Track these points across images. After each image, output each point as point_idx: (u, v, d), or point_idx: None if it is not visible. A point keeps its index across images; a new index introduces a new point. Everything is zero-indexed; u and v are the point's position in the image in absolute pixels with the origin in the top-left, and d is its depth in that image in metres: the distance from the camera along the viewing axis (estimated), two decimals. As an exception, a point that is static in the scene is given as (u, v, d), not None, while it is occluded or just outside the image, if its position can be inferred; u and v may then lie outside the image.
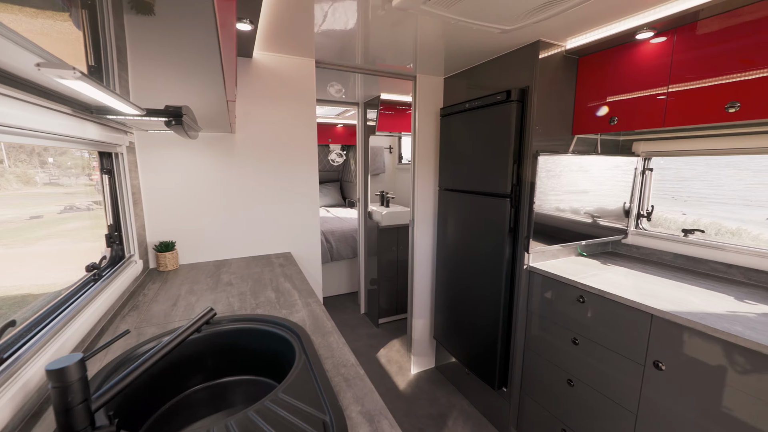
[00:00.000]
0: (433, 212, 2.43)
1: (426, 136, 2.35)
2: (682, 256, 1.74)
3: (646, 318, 1.29)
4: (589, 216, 1.82)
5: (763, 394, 1.02)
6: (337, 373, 0.85)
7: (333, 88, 3.02)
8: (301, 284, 1.47)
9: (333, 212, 4.74)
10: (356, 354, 2.78)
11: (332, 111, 4.10)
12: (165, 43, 0.66)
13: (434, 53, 1.89)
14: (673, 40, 1.38)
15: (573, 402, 1.59)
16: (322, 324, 1.11)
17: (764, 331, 1.07)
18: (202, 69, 0.74)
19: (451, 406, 2.21)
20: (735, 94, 1.23)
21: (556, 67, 1.69)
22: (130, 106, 0.86)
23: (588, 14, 1.38)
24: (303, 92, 1.95)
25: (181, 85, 0.91)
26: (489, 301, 1.89)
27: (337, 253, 3.71)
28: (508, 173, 1.72)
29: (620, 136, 1.96)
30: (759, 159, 1.51)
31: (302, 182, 2.02)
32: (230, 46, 0.62)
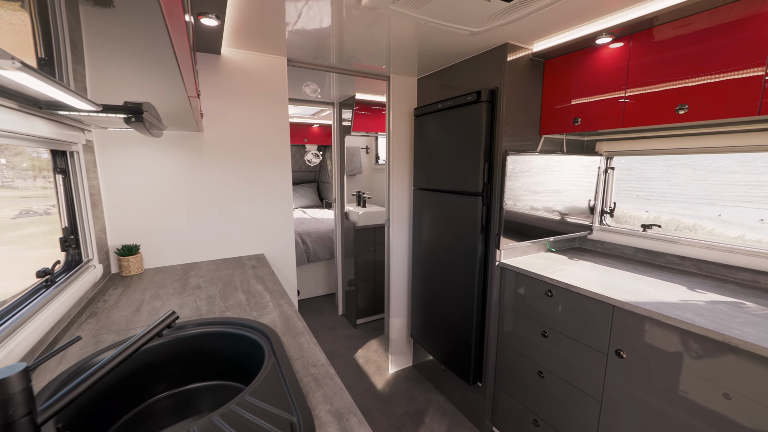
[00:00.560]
0: (409, 212, 2.45)
1: (401, 135, 2.37)
2: (642, 250, 1.84)
3: (608, 309, 1.35)
4: (556, 213, 1.89)
5: (713, 376, 1.09)
6: (307, 373, 0.84)
7: (308, 87, 2.99)
8: (273, 286, 1.44)
9: (310, 213, 4.68)
10: (334, 355, 2.76)
11: (307, 111, 4.06)
12: (122, 36, 0.64)
13: (407, 54, 1.90)
14: (629, 45, 1.46)
15: (543, 393, 1.65)
16: (293, 325, 1.10)
17: (712, 317, 1.15)
18: (159, 63, 0.71)
19: (429, 403, 2.23)
20: (684, 97, 1.31)
21: (524, 70, 1.75)
22: (84, 101, 0.82)
23: (551, 19, 1.44)
24: (275, 91, 1.91)
25: (140, 80, 0.87)
26: (463, 297, 1.93)
27: (314, 255, 3.67)
28: (480, 172, 1.75)
29: (584, 136, 2.05)
30: (712, 159, 1.62)
31: (275, 182, 1.98)
32: (182, 39, 0.60)
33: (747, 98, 1.17)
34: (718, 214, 1.62)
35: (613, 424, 1.36)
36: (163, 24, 0.49)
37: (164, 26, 0.50)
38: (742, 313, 1.18)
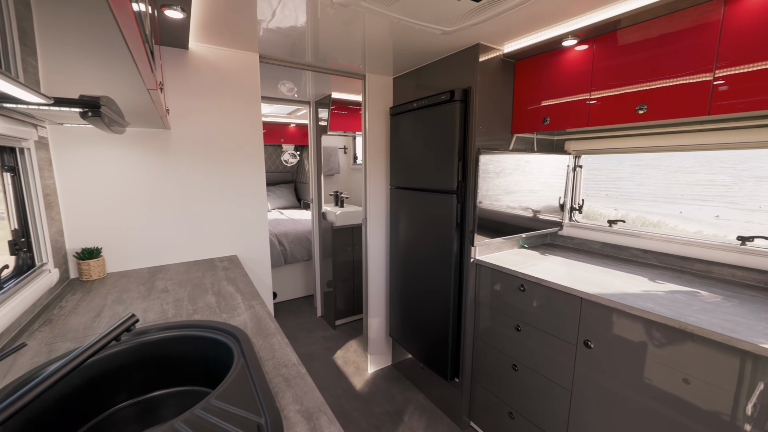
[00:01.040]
0: (386, 210, 2.45)
1: (377, 135, 2.37)
2: (608, 245, 1.92)
3: (577, 301, 1.40)
4: (528, 210, 1.95)
5: (673, 362, 1.15)
6: (277, 374, 0.82)
7: (284, 86, 2.94)
8: (246, 287, 1.40)
9: (287, 214, 4.60)
10: (312, 358, 2.72)
11: (283, 110, 3.99)
12: (74, 26, 0.60)
13: (382, 53, 1.91)
14: (593, 48, 1.52)
15: (518, 385, 1.69)
16: (265, 326, 1.07)
17: (670, 306, 1.21)
18: (113, 54, 0.67)
19: (408, 401, 2.23)
20: (643, 99, 1.38)
21: (496, 70, 1.79)
22: (32, 93, 0.76)
23: (520, 20, 1.48)
24: (247, 88, 1.86)
25: (97, 72, 0.83)
26: (440, 295, 1.95)
27: (292, 256, 3.61)
28: (454, 170, 1.78)
29: (554, 135, 2.12)
30: (674, 160, 1.71)
31: (248, 182, 1.93)
32: (132, 28, 0.57)
33: (698, 100, 1.24)
34: (680, 212, 1.71)
35: (583, 412, 1.41)
36: (110, 12, 0.47)
37: (111, 15, 0.47)
38: (697, 302, 1.25)
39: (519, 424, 1.70)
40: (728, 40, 1.17)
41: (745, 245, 1.47)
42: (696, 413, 1.10)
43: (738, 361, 1.01)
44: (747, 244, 1.47)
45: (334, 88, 2.86)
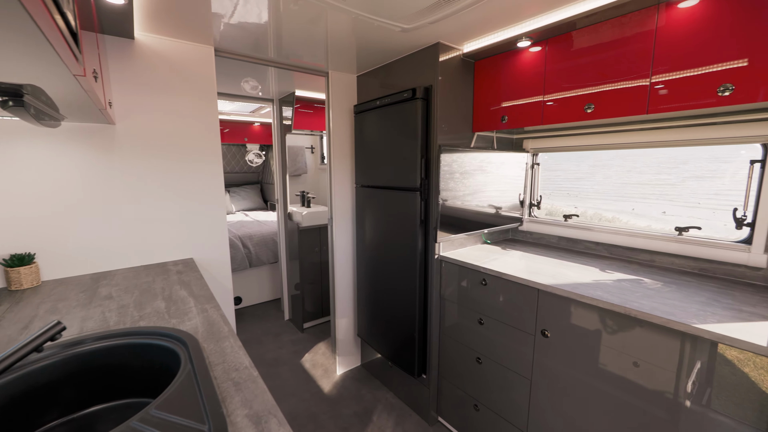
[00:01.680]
0: (352, 209, 2.43)
1: (341, 133, 2.34)
2: (564, 238, 2.02)
3: (534, 293, 1.45)
4: (490, 206, 2.00)
5: (622, 346, 1.21)
6: (227, 378, 0.78)
7: (248, 84, 2.84)
8: (200, 290, 1.33)
9: (252, 216, 4.45)
10: (279, 362, 2.64)
11: (246, 107, 3.86)
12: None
13: (345, 50, 1.89)
14: (546, 50, 1.59)
15: (482, 378, 1.72)
16: (217, 329, 1.01)
17: (617, 293, 1.28)
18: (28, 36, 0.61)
19: (376, 400, 2.22)
20: (591, 99, 1.46)
21: (456, 69, 1.82)
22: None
23: (478, 21, 1.51)
24: (202, 83, 1.78)
25: (18, 58, 0.74)
26: (406, 292, 1.95)
27: (257, 259, 3.49)
28: (417, 167, 1.79)
29: (513, 134, 2.20)
30: (628, 162, 1.82)
31: (205, 181, 1.84)
32: (38, 6, 0.52)
33: (638, 100, 1.33)
34: (632, 208, 1.83)
35: (542, 399, 1.47)
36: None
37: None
38: (641, 288, 1.34)
39: (483, 415, 1.73)
40: (661, 48, 1.26)
41: (682, 235, 1.59)
42: (644, 394, 1.17)
43: (678, 343, 1.08)
44: (683, 234, 1.59)
45: (298, 85, 2.80)
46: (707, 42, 1.16)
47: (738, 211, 1.45)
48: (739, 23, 1.10)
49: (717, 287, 1.36)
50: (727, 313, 1.12)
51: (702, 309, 1.14)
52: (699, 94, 1.19)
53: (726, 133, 1.43)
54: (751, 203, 1.42)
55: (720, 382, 1.01)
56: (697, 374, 1.05)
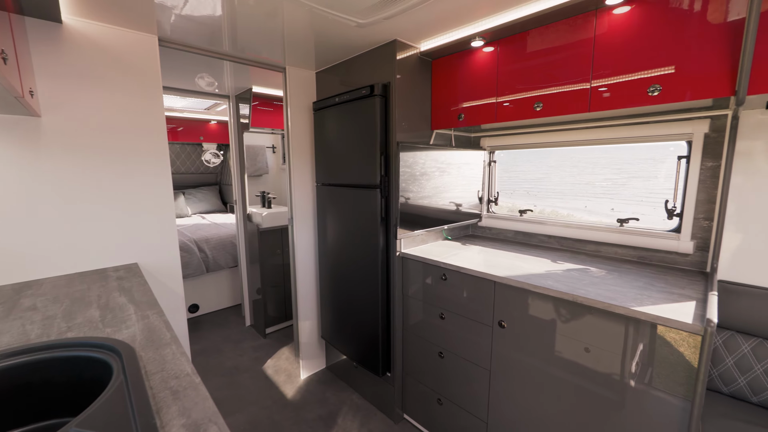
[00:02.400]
0: (313, 209, 2.38)
1: (301, 130, 2.28)
2: (520, 233, 2.10)
3: (491, 285, 1.49)
4: (449, 203, 2.04)
5: (574, 333, 1.27)
6: (165, 387, 0.72)
7: (203, 80, 2.69)
8: (142, 297, 1.23)
9: (210, 218, 4.23)
10: (239, 370, 2.52)
11: (200, 104, 3.66)
12: None
13: (303, 44, 1.84)
14: (498, 51, 1.64)
15: (444, 372, 1.74)
16: (159, 336, 0.94)
17: (566, 282, 1.35)
18: None
19: (341, 402, 2.18)
20: (540, 98, 1.52)
21: (414, 67, 1.84)
22: None
23: (432, 19, 1.53)
24: (144, 75, 1.65)
25: None
26: (369, 290, 1.94)
27: (215, 263, 3.32)
28: (377, 165, 1.78)
29: (471, 132, 2.26)
30: (579, 161, 1.93)
31: (150, 181, 1.71)
32: None
33: (581, 100, 1.41)
34: (585, 206, 1.94)
35: (501, 389, 1.51)
36: None
37: None
38: (587, 277, 1.42)
39: (447, 409, 1.76)
40: (600, 55, 1.34)
41: (623, 226, 1.71)
42: (595, 377, 1.23)
43: (623, 327, 1.15)
44: (624, 225, 1.71)
45: (256, 81, 2.70)
46: (640, 50, 1.25)
47: (669, 203, 1.58)
48: (668, 35, 1.19)
49: (653, 273, 1.47)
50: (661, 295, 1.21)
51: (639, 293, 1.23)
52: (633, 95, 1.28)
53: (657, 131, 1.56)
54: (679, 196, 1.55)
55: (660, 362, 1.09)
56: (640, 356, 1.13)
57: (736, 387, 1.30)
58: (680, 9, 1.16)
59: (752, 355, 1.28)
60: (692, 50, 1.14)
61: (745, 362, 1.28)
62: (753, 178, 1.37)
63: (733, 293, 1.39)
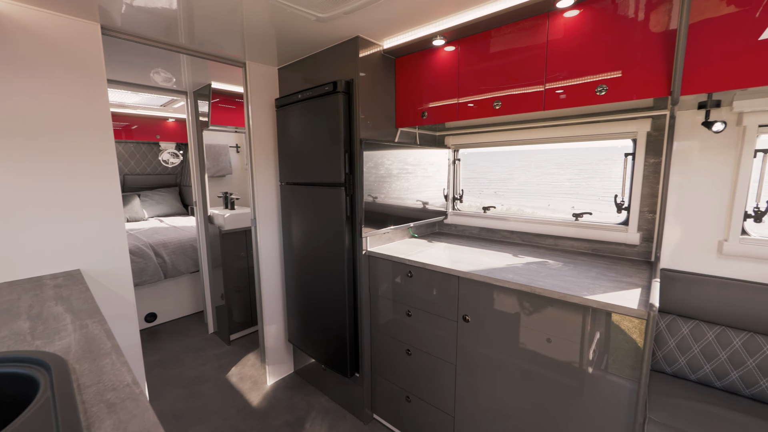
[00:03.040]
0: (277, 209, 2.31)
1: (263, 128, 2.21)
2: (484, 229, 2.15)
3: (455, 280, 1.51)
4: (415, 201, 2.05)
5: (535, 324, 1.31)
6: (100, 400, 0.66)
7: (159, 75, 2.53)
8: (82, 305, 1.12)
9: (169, 221, 4.00)
10: (200, 380, 2.39)
11: (156, 100, 3.46)
12: None
13: (263, 38, 1.78)
14: (459, 50, 1.67)
15: (412, 369, 1.75)
16: (98, 346, 0.86)
17: (525, 275, 1.39)
18: None
19: (310, 407, 2.13)
20: (499, 97, 1.57)
21: (377, 65, 1.83)
22: None
23: (393, 16, 1.53)
24: (85, 65, 1.52)
25: None
26: (335, 290, 1.90)
27: (173, 269, 3.14)
28: (341, 162, 1.76)
29: (436, 131, 2.29)
30: (543, 161, 2.01)
31: (94, 181, 1.58)
32: None
33: (536, 100, 1.46)
34: (548, 204, 2.02)
35: (466, 382, 1.53)
36: None
37: None
38: (545, 269, 1.47)
39: (415, 406, 1.76)
40: (553, 59, 1.39)
41: (578, 220, 1.80)
42: (556, 365, 1.27)
43: (580, 317, 1.20)
44: (579, 219, 1.80)
45: (215, 77, 2.58)
46: (590, 55, 1.31)
47: (618, 197, 1.68)
48: (615, 42, 1.25)
49: (605, 264, 1.56)
50: (611, 284, 1.28)
51: (592, 282, 1.29)
52: (582, 95, 1.34)
53: (607, 130, 1.65)
54: (627, 190, 1.66)
55: (613, 348, 1.15)
56: (597, 343, 1.18)
57: (677, 367, 1.40)
58: (626, 17, 1.23)
59: (691, 336, 1.38)
60: (637, 55, 1.22)
61: (685, 343, 1.39)
62: (689, 173, 1.48)
63: (674, 280, 1.49)
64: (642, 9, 1.19)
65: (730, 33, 1.05)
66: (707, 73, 1.09)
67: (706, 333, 1.36)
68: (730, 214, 1.41)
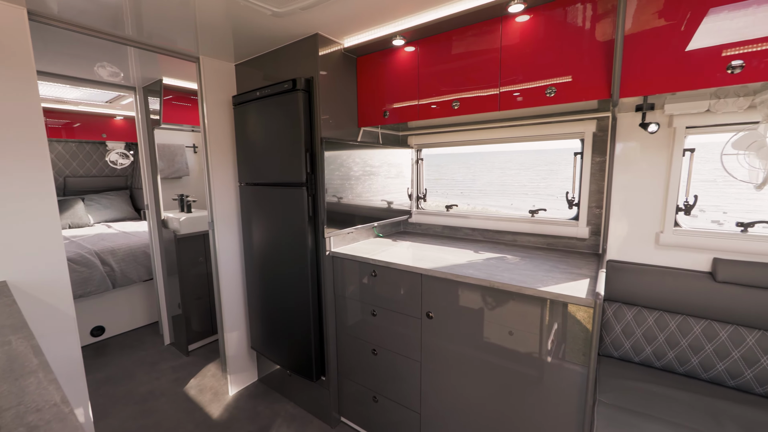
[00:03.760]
0: (236, 210, 2.22)
1: (220, 126, 2.11)
2: (448, 227, 2.20)
3: (418, 278, 1.52)
4: (380, 200, 2.05)
5: (496, 318, 1.35)
6: (20, 423, 0.59)
7: (105, 69, 2.34)
8: (6, 320, 1.01)
9: (118, 227, 3.72)
10: (155, 395, 2.24)
11: (100, 96, 3.20)
12: None
13: (218, 32, 1.70)
14: (418, 51, 1.69)
15: (378, 369, 1.74)
16: (21, 364, 0.77)
17: (485, 270, 1.44)
18: None
19: (275, 415, 2.06)
20: (457, 99, 1.60)
21: (338, 63, 1.81)
22: None
23: (351, 14, 1.52)
24: (9, 55, 1.37)
25: None
26: (299, 293, 1.86)
27: (123, 277, 2.92)
28: (302, 162, 1.72)
29: (399, 131, 2.30)
30: (506, 162, 2.08)
31: (25, 184, 1.43)
32: None
33: (492, 101, 1.51)
34: (510, 203, 2.10)
35: (431, 378, 1.55)
36: None
37: None
38: (503, 264, 1.53)
39: (382, 405, 1.75)
40: (506, 64, 1.45)
41: (534, 217, 1.89)
42: (519, 357, 1.31)
43: (537, 309, 1.25)
44: (534, 216, 1.89)
45: (167, 72, 2.44)
46: (541, 60, 1.37)
47: (569, 194, 1.78)
48: (564, 48, 1.32)
49: (558, 257, 1.64)
50: (563, 276, 1.35)
51: (546, 275, 1.36)
52: (535, 97, 1.41)
53: (558, 130, 1.74)
54: (576, 187, 1.76)
55: (569, 336, 1.21)
56: (555, 333, 1.23)
57: (623, 350, 1.50)
58: (574, 26, 1.29)
59: (634, 321, 1.49)
60: (584, 61, 1.28)
61: (629, 328, 1.49)
62: (631, 171, 1.60)
63: (619, 270, 1.60)
64: (588, 19, 1.27)
65: (660, 44, 1.14)
66: (641, 78, 1.18)
67: (646, 318, 1.47)
68: (665, 208, 1.54)
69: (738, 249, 1.40)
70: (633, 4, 1.17)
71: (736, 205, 1.51)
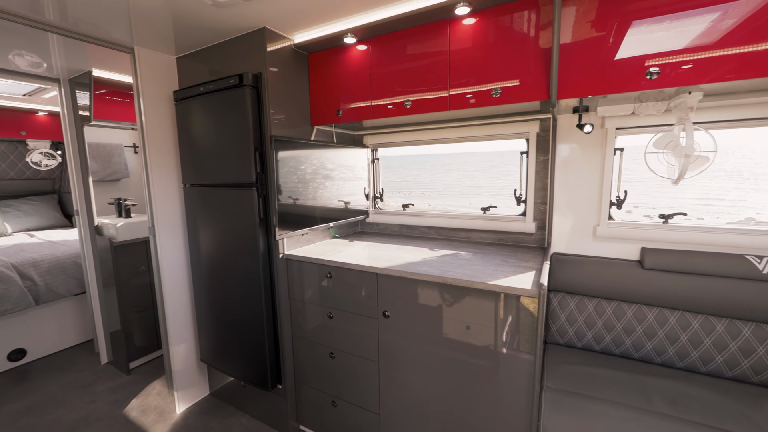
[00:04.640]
0: (181, 214, 2.06)
1: (160, 123, 1.96)
2: (405, 226, 2.21)
3: (374, 277, 1.51)
4: (336, 201, 2.01)
5: (454, 313, 1.37)
6: None
7: (23, 58, 2.07)
8: None
9: (42, 236, 3.32)
10: (89, 421, 2.01)
11: (17, 89, 2.84)
12: None
13: (155, 21, 1.57)
14: (370, 49, 1.69)
15: (336, 372, 1.70)
16: None
17: (439, 266, 1.46)
18: None
19: (228, 429, 1.94)
20: (409, 98, 1.62)
21: (288, 60, 1.76)
22: None
23: (300, 9, 1.48)
24: None
25: None
26: (251, 299, 1.76)
27: (49, 292, 2.61)
28: (251, 161, 1.64)
29: (354, 131, 2.28)
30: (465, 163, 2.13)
31: None
32: None
33: (442, 102, 1.54)
34: (469, 203, 2.15)
35: (390, 378, 1.54)
36: None
37: None
38: (457, 260, 1.56)
39: (341, 410, 1.72)
40: (455, 68, 1.48)
41: (485, 213, 1.96)
42: (476, 351, 1.33)
43: (493, 303, 1.28)
44: (486, 213, 1.96)
45: (98, 63, 2.21)
46: (488, 62, 1.41)
47: (517, 191, 1.87)
48: (509, 53, 1.38)
49: (508, 252, 1.71)
50: (512, 269, 1.41)
51: (496, 269, 1.41)
52: (482, 97, 1.45)
53: (506, 130, 1.83)
54: (523, 185, 1.85)
55: (521, 327, 1.25)
56: (509, 326, 1.27)
57: (568, 337, 1.60)
58: (519, 32, 1.35)
59: (576, 309, 1.59)
60: (529, 65, 1.34)
61: (572, 316, 1.59)
62: (571, 169, 1.72)
63: (563, 262, 1.71)
64: (533, 27, 1.33)
65: (592, 52, 1.23)
66: (576, 82, 1.27)
67: (587, 305, 1.58)
68: (600, 203, 1.66)
69: (661, 239, 1.56)
70: (570, 17, 1.25)
71: (662, 201, 1.68)
